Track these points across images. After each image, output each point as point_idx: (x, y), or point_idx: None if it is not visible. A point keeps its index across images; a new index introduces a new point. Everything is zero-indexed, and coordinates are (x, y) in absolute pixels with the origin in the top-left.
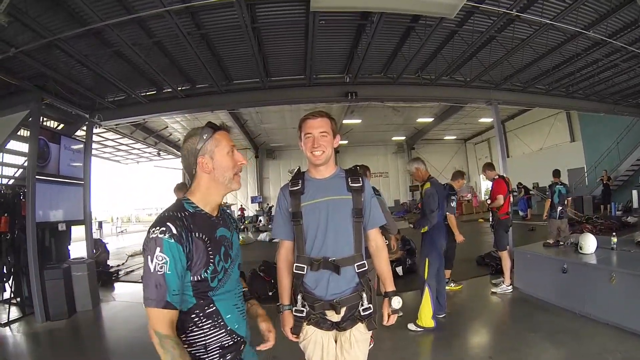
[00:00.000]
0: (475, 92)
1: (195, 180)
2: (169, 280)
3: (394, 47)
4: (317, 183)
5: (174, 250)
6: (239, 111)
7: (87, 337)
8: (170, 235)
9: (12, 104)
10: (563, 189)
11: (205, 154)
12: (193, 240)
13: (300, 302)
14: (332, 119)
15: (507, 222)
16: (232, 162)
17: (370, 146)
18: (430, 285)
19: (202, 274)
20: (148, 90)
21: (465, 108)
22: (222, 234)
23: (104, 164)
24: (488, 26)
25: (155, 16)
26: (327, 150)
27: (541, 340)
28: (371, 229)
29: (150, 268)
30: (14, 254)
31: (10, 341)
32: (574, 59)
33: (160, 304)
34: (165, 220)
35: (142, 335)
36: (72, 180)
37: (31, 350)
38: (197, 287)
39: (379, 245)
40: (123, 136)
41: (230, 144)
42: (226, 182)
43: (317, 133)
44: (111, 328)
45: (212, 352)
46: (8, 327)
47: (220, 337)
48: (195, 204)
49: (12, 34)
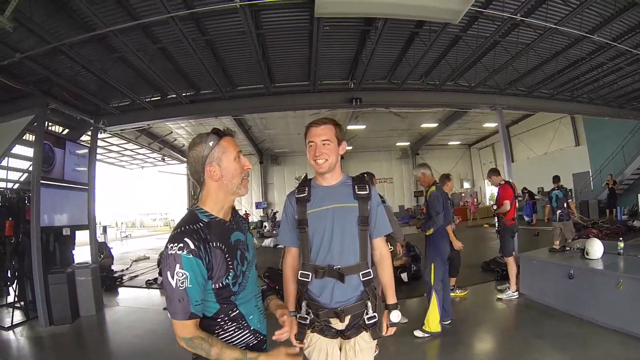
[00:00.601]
0: (480, 97)
1: (205, 188)
2: (191, 294)
3: (398, 52)
4: (323, 190)
5: (193, 265)
6: (243, 117)
7: (91, 342)
8: (189, 251)
9: (18, 108)
10: (560, 193)
11: (212, 162)
12: (211, 250)
13: (305, 309)
14: (337, 126)
15: (513, 227)
16: (240, 168)
17: (375, 152)
18: (437, 290)
19: (223, 281)
20: (152, 96)
21: (470, 113)
22: (237, 237)
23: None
24: (492, 31)
25: (159, 22)
26: (330, 158)
27: (547, 347)
28: (376, 237)
29: (172, 284)
30: (18, 258)
31: (14, 345)
32: (579, 63)
33: (185, 317)
34: (182, 236)
35: (146, 340)
36: (76, 185)
37: (34, 354)
38: (219, 293)
39: (384, 255)
40: (128, 141)
41: (237, 149)
42: (234, 188)
43: (319, 141)
44: (115, 333)
45: None
46: (11, 331)
47: (246, 338)
48: (208, 212)
49: (17, 39)
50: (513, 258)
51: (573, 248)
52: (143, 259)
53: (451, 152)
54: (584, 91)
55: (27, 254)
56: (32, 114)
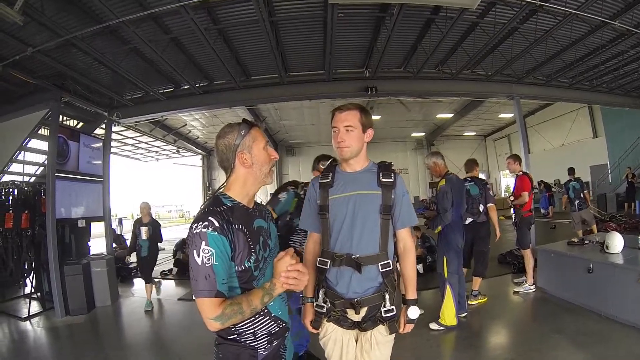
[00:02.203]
0: (497, 86)
1: (233, 174)
2: (217, 271)
3: (414, 40)
4: (346, 176)
5: (219, 242)
6: (257, 108)
7: (106, 332)
8: (214, 229)
9: (32, 103)
10: (576, 184)
11: (244, 150)
12: (234, 232)
13: (322, 297)
14: (363, 112)
15: (530, 219)
16: (268, 157)
17: (390, 143)
18: (451, 284)
19: (245, 263)
20: (166, 87)
21: (485, 104)
22: (260, 224)
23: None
24: (510, 17)
25: (171, 12)
26: (353, 145)
27: (566, 343)
28: (401, 228)
29: (197, 262)
30: (34, 250)
31: (31, 335)
32: (599, 51)
33: (212, 294)
34: (206, 215)
35: (161, 330)
36: (91, 177)
37: (51, 344)
38: (242, 277)
39: (408, 247)
40: (142, 134)
41: (265, 139)
42: (262, 176)
43: (342, 127)
44: (130, 323)
45: (261, 339)
46: (29, 321)
47: (268, 325)
48: (232, 197)
49: (29, 33)
50: (530, 251)
51: (592, 241)
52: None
53: (467, 143)
54: (603, 80)
55: (43, 246)
56: (47, 108)
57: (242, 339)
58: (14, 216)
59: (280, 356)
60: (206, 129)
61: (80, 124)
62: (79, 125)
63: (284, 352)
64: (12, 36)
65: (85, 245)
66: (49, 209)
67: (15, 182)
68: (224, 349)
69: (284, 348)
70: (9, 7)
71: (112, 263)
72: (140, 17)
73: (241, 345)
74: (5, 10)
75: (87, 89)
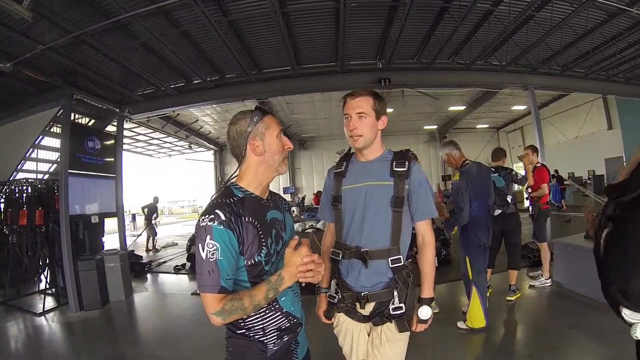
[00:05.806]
0: (511, 77)
1: (245, 163)
2: (221, 266)
3: (427, 30)
4: (359, 166)
5: (224, 236)
6: (269, 101)
7: (120, 327)
8: (220, 222)
9: (44, 101)
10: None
11: (256, 137)
12: (243, 225)
13: (334, 287)
14: (377, 98)
15: (547, 211)
16: (281, 146)
17: (402, 135)
18: (477, 284)
19: (255, 257)
20: (177, 82)
21: (498, 95)
22: (274, 216)
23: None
24: (525, 5)
25: (180, 5)
26: (366, 133)
27: (583, 338)
28: (419, 220)
29: (202, 256)
30: (48, 246)
31: (46, 330)
32: (615, 40)
33: (215, 289)
34: (213, 208)
35: (174, 325)
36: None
37: (65, 339)
38: (251, 271)
39: (426, 241)
40: (154, 130)
41: (279, 127)
42: (276, 165)
43: (354, 114)
44: (143, 318)
45: (270, 335)
46: (43, 317)
47: (277, 320)
48: (244, 188)
49: (39, 31)
50: (547, 244)
51: None
52: (171, 245)
53: (479, 136)
54: (620, 70)
55: (57, 242)
56: (58, 105)
57: (251, 333)
58: (27, 213)
59: (291, 352)
60: (218, 125)
61: (92, 121)
62: (91, 123)
63: (295, 348)
64: (22, 34)
65: (99, 241)
66: (62, 206)
67: (29, 180)
68: (234, 342)
69: (296, 344)
70: (17, 4)
71: (126, 258)
72: (150, 10)
73: (250, 339)
74: (14, 7)
75: (98, 85)
